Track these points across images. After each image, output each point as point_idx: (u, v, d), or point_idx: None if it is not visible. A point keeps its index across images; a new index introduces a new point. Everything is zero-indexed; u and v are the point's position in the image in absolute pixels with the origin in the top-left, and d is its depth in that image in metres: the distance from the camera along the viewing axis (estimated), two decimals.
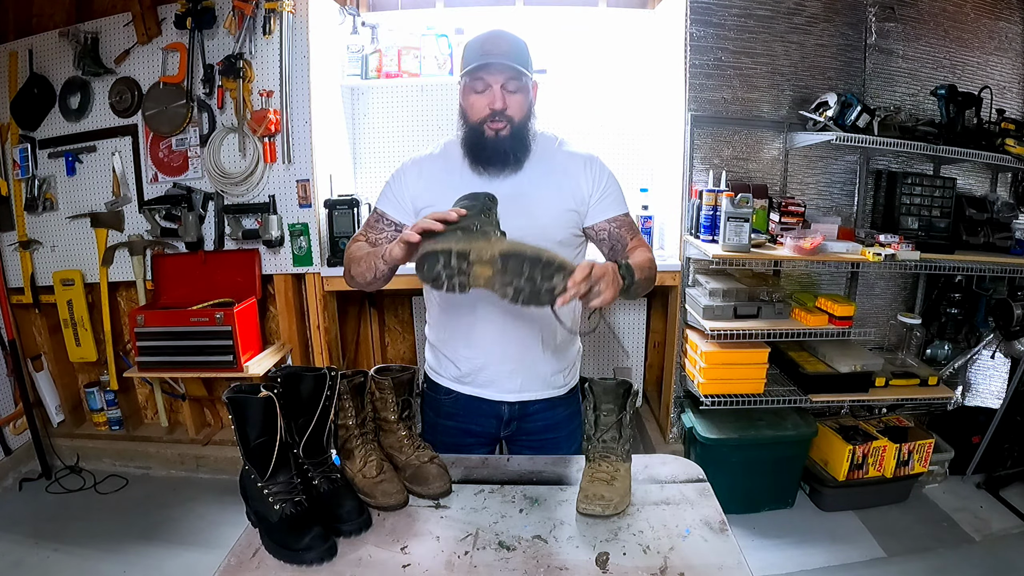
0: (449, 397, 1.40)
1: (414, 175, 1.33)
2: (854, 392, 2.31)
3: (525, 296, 0.98)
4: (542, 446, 1.38)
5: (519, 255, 0.97)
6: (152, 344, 2.30)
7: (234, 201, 2.39)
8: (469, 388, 1.38)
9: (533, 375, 1.36)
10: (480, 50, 1.21)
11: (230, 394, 0.99)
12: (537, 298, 0.98)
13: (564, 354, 1.40)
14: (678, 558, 0.94)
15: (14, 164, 2.49)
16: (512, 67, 1.20)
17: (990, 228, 2.46)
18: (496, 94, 1.21)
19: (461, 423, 1.40)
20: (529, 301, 0.99)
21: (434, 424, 1.45)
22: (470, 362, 1.35)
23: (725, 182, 2.25)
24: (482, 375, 1.35)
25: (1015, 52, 2.61)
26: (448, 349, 1.38)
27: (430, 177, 1.32)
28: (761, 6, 2.38)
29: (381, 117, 2.70)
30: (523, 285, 0.98)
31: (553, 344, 1.36)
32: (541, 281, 0.97)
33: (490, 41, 1.22)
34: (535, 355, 1.34)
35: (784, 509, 2.41)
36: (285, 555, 0.94)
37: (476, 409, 1.38)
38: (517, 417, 1.39)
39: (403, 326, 2.94)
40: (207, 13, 2.24)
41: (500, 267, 0.97)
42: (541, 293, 0.98)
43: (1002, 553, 2.14)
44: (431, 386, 1.45)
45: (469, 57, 1.23)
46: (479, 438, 1.41)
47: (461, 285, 1.00)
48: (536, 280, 0.97)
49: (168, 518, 2.37)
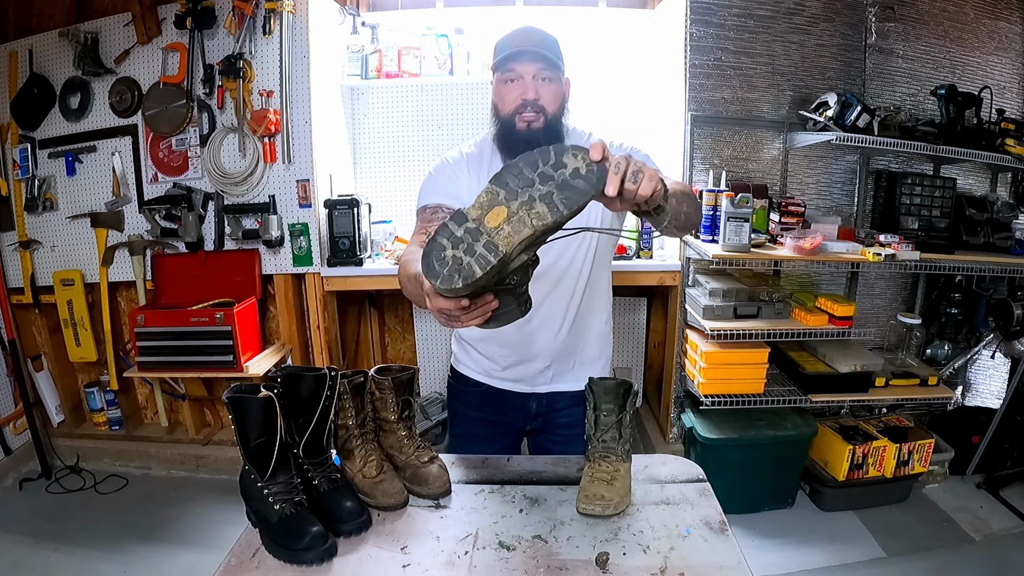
0: (478, 389, 1.40)
1: (464, 171, 1.29)
2: (854, 392, 2.30)
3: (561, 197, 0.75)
4: (566, 441, 1.39)
5: (509, 165, 0.78)
6: (152, 344, 2.30)
7: (234, 201, 2.39)
8: (499, 382, 1.38)
9: (565, 368, 1.37)
10: (510, 43, 1.20)
11: (230, 394, 0.99)
12: (573, 188, 0.75)
13: (597, 353, 1.40)
14: (678, 558, 0.94)
15: (14, 164, 2.49)
16: (543, 55, 1.19)
17: (990, 228, 2.46)
18: (528, 84, 1.19)
19: (487, 414, 1.41)
20: (571, 199, 0.75)
21: (461, 415, 1.45)
22: (504, 359, 1.36)
23: (725, 182, 2.25)
24: (514, 371, 1.36)
25: (1015, 52, 2.61)
26: (481, 346, 1.38)
27: (473, 176, 1.28)
28: (761, 6, 2.38)
29: (381, 117, 2.70)
30: (545, 188, 0.75)
31: (588, 343, 1.36)
32: (557, 171, 0.76)
33: (520, 35, 1.21)
34: (570, 348, 1.35)
35: (784, 509, 2.41)
36: (285, 555, 0.94)
37: (504, 401, 1.39)
38: (544, 412, 1.40)
39: (403, 326, 2.94)
40: (207, 13, 2.24)
41: (504, 191, 0.76)
42: (571, 181, 0.75)
43: (1002, 553, 2.13)
44: (457, 377, 1.45)
45: (501, 50, 1.22)
46: (505, 428, 1.42)
47: (488, 248, 0.75)
48: (551, 173, 0.75)
49: (168, 518, 2.37)
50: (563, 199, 0.75)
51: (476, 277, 0.74)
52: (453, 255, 0.75)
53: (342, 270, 2.40)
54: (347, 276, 2.41)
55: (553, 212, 0.75)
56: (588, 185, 0.75)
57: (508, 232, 0.75)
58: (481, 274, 0.74)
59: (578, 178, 0.75)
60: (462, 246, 0.75)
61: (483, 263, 0.74)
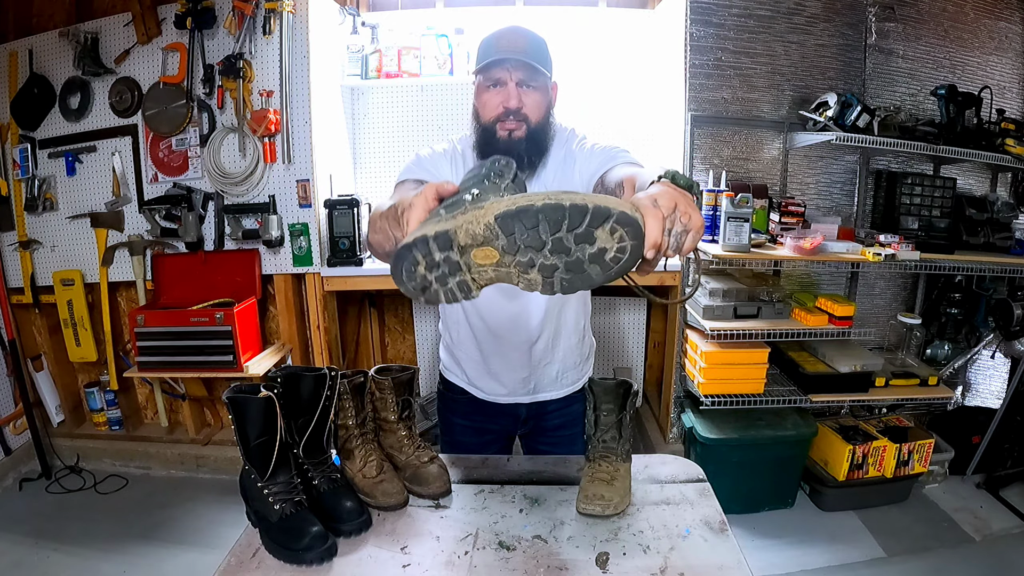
0: (464, 396, 1.39)
1: (447, 164, 1.24)
2: (854, 392, 2.30)
3: (564, 278, 0.64)
4: (559, 442, 1.38)
5: (526, 211, 0.62)
6: (152, 344, 2.30)
7: (234, 201, 2.39)
8: (483, 393, 1.36)
9: (547, 377, 1.35)
10: (495, 46, 1.14)
11: (230, 394, 0.98)
12: (583, 273, 0.63)
13: (579, 350, 1.38)
14: (678, 558, 0.94)
15: (14, 164, 2.49)
16: (528, 63, 1.13)
17: (990, 228, 2.46)
18: (511, 91, 1.13)
19: (477, 422, 1.39)
20: (574, 284, 0.64)
21: (451, 423, 1.43)
22: (481, 368, 1.33)
23: (725, 182, 2.25)
24: (496, 383, 1.34)
25: (1015, 52, 2.61)
26: (461, 352, 1.36)
27: (457, 176, 1.21)
28: (761, 6, 2.38)
29: (381, 117, 2.70)
30: (552, 260, 0.63)
31: (567, 343, 1.34)
32: (578, 245, 0.62)
33: (505, 37, 1.15)
34: (548, 359, 1.33)
35: (784, 509, 2.41)
36: (285, 555, 0.94)
37: (494, 409, 1.37)
38: (534, 416, 1.38)
39: (403, 326, 2.94)
40: (207, 13, 2.23)
41: (504, 240, 0.63)
42: (586, 265, 0.63)
43: (1002, 553, 2.13)
44: (446, 385, 1.43)
45: (483, 53, 1.16)
46: (495, 435, 1.40)
47: (461, 287, 0.67)
48: (569, 245, 0.62)
49: (168, 518, 2.37)
50: (564, 281, 0.64)
51: (438, 303, 0.70)
52: (424, 275, 0.67)
53: (342, 270, 2.39)
54: (347, 276, 2.41)
55: (546, 288, 0.65)
56: (602, 274, 0.63)
57: (490, 276, 0.67)
58: (446, 303, 0.69)
59: (596, 262, 0.62)
60: (435, 272, 0.67)
61: (450, 296, 0.68)
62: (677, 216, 0.65)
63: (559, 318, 1.31)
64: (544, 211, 0.61)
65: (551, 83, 1.21)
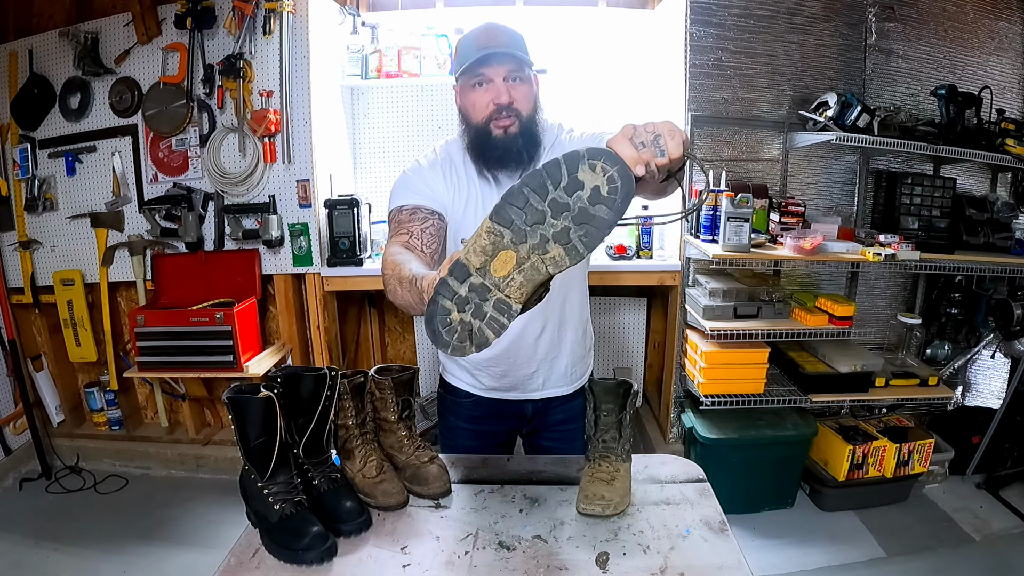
0: (469, 400, 1.38)
1: (439, 175, 1.22)
2: (854, 392, 2.30)
3: (581, 233, 0.62)
4: (561, 437, 1.38)
5: (510, 192, 0.64)
6: (152, 344, 2.30)
7: (234, 201, 2.39)
8: (491, 392, 1.36)
9: (555, 372, 1.35)
10: (476, 44, 1.13)
11: (230, 394, 0.99)
12: (595, 219, 0.62)
13: (583, 343, 1.40)
14: (678, 558, 0.94)
15: (14, 164, 2.49)
16: (514, 56, 1.12)
17: (990, 228, 2.46)
18: (499, 87, 1.12)
19: (479, 425, 1.38)
20: (592, 234, 0.63)
21: (452, 427, 1.42)
22: (491, 371, 1.33)
23: (725, 182, 2.25)
24: (504, 380, 1.34)
25: (1015, 52, 2.61)
26: (466, 361, 1.34)
27: (451, 185, 1.21)
28: (761, 6, 2.38)
29: (381, 117, 2.70)
30: (560, 223, 0.62)
31: (574, 335, 1.35)
32: (572, 195, 0.62)
33: (485, 35, 1.13)
34: (556, 352, 1.34)
35: (784, 509, 2.41)
36: (285, 555, 0.94)
37: (499, 411, 1.37)
38: (539, 412, 1.39)
39: (403, 326, 2.94)
40: (207, 13, 2.24)
41: (510, 232, 0.63)
42: (591, 210, 0.62)
43: (1002, 553, 2.13)
44: (448, 389, 1.41)
45: (465, 53, 1.14)
46: (497, 438, 1.40)
47: (499, 309, 0.64)
48: (565, 200, 0.62)
49: (168, 518, 2.37)
50: (582, 236, 0.62)
51: (490, 343, 0.66)
52: (460, 319, 0.64)
53: (342, 270, 2.40)
54: (347, 276, 2.41)
55: (572, 255, 0.63)
56: (611, 211, 0.62)
57: (520, 282, 0.63)
58: (495, 338, 0.66)
59: (599, 202, 0.62)
60: (469, 308, 0.64)
61: (496, 327, 0.64)
62: (641, 129, 0.68)
63: (562, 308, 1.32)
64: (525, 182, 0.64)
65: (534, 75, 1.20)
